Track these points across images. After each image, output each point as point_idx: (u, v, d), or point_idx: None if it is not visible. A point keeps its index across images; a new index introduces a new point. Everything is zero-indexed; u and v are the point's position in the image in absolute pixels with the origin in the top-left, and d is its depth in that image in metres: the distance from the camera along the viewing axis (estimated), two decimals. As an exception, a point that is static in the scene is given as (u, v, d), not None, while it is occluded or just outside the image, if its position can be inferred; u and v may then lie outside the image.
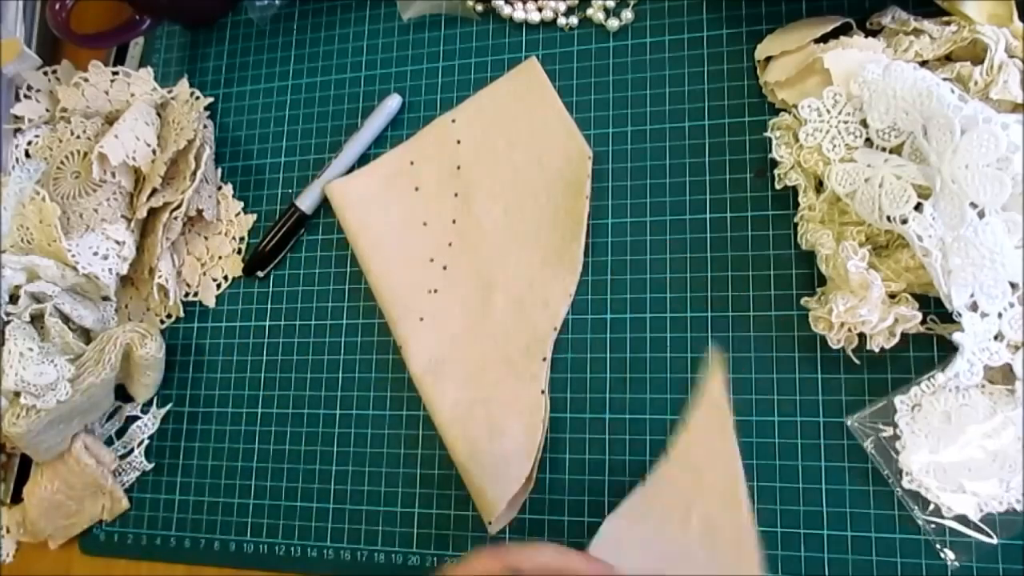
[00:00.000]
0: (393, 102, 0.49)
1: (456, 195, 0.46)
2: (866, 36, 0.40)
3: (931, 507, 0.36)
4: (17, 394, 0.44)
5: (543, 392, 0.42)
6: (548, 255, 0.44)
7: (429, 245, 0.46)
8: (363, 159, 0.49)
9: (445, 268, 0.45)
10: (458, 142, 0.47)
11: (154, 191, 0.47)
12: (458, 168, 0.46)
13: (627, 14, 0.46)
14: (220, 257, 0.51)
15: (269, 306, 0.49)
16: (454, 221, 0.46)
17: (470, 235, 0.45)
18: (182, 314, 0.50)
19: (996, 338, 0.35)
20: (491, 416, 0.42)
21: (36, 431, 0.44)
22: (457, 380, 0.43)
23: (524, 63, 0.47)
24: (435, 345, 0.44)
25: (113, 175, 0.47)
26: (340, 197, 0.47)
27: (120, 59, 0.57)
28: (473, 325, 0.44)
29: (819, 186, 0.40)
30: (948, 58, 0.38)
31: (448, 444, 0.42)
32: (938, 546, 0.36)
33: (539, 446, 0.41)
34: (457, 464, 0.42)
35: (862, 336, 0.37)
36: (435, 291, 0.45)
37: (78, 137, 0.51)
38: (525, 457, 0.41)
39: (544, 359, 0.43)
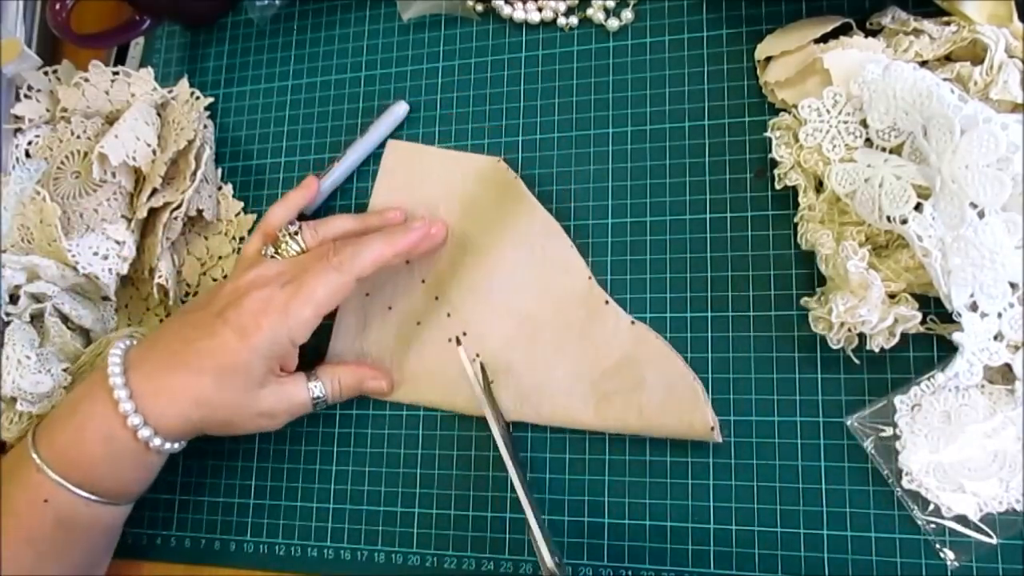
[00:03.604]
0: (400, 109, 0.49)
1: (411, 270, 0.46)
2: (866, 36, 0.40)
3: (931, 507, 0.36)
4: (13, 399, 0.44)
5: (633, 323, 0.42)
6: (525, 243, 0.44)
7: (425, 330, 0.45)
8: (366, 163, 0.49)
9: (450, 315, 0.44)
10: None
11: (154, 191, 0.47)
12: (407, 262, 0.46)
13: (627, 14, 0.46)
14: (220, 257, 0.51)
15: (269, 306, 0.49)
16: (437, 298, 0.45)
17: (450, 290, 0.45)
18: (182, 314, 0.50)
19: (996, 338, 0.35)
20: (623, 380, 0.40)
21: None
22: (565, 387, 0.41)
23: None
24: (514, 391, 0.42)
25: (113, 175, 0.47)
26: None
27: (120, 59, 0.57)
28: (527, 335, 0.43)
29: (819, 186, 0.40)
30: (948, 58, 0.38)
31: (616, 432, 0.41)
32: (938, 546, 0.36)
33: (670, 349, 0.40)
34: (641, 433, 0.40)
35: (862, 336, 0.37)
36: (462, 338, 0.44)
37: (78, 137, 0.51)
38: (673, 365, 0.40)
39: (607, 302, 0.42)
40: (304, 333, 0.40)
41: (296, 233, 0.43)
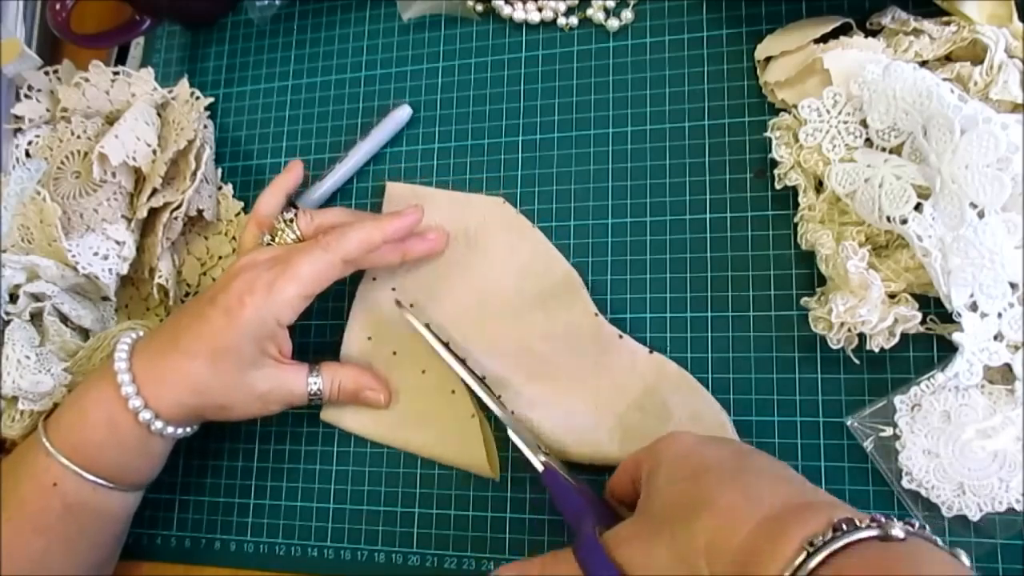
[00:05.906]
0: (403, 112, 0.49)
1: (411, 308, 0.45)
2: (866, 36, 0.40)
3: (931, 507, 0.36)
4: (14, 398, 0.44)
5: (651, 351, 0.41)
6: (530, 283, 0.44)
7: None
8: (367, 164, 0.49)
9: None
10: (392, 289, 0.46)
11: (154, 191, 0.47)
12: (411, 305, 0.45)
13: (627, 14, 0.46)
14: (220, 257, 0.51)
15: (269, 306, 0.49)
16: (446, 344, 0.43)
17: (457, 333, 0.44)
18: (182, 314, 0.50)
19: (996, 338, 0.35)
20: (648, 411, 0.40)
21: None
22: (590, 423, 0.40)
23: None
24: (537, 432, 0.41)
25: (113, 175, 0.47)
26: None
27: (121, 59, 0.57)
28: (547, 374, 0.42)
29: (819, 186, 0.40)
30: (948, 58, 0.38)
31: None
32: (938, 546, 0.36)
33: (693, 380, 0.40)
34: None
35: (862, 336, 0.37)
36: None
37: (78, 137, 0.51)
38: (699, 396, 0.39)
39: (620, 336, 0.41)
40: (288, 312, 0.40)
41: (292, 221, 0.44)
